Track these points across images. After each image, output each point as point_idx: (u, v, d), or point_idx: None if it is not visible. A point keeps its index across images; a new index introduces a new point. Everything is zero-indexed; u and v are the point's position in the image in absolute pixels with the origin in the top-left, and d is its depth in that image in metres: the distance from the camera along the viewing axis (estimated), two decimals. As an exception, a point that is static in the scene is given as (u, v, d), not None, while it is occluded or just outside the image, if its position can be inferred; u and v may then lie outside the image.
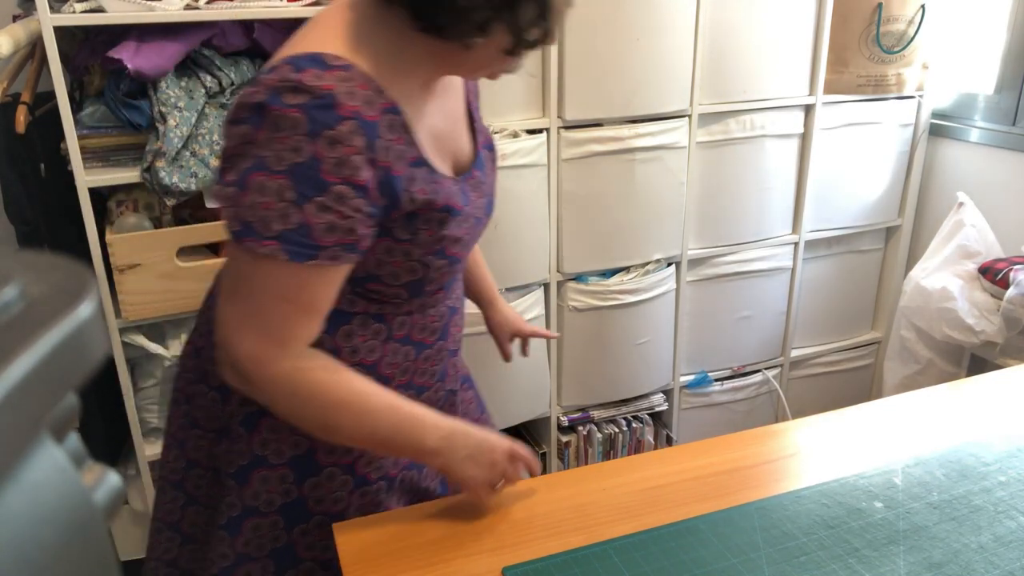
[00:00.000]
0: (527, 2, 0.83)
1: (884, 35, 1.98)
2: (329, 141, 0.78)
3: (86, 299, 0.25)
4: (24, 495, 0.22)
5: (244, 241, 0.80)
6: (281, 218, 0.79)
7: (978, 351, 1.87)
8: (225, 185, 0.81)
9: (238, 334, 0.84)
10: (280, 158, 0.78)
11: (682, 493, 0.95)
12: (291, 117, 0.77)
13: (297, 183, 0.78)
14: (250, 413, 0.94)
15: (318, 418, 0.87)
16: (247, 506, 0.96)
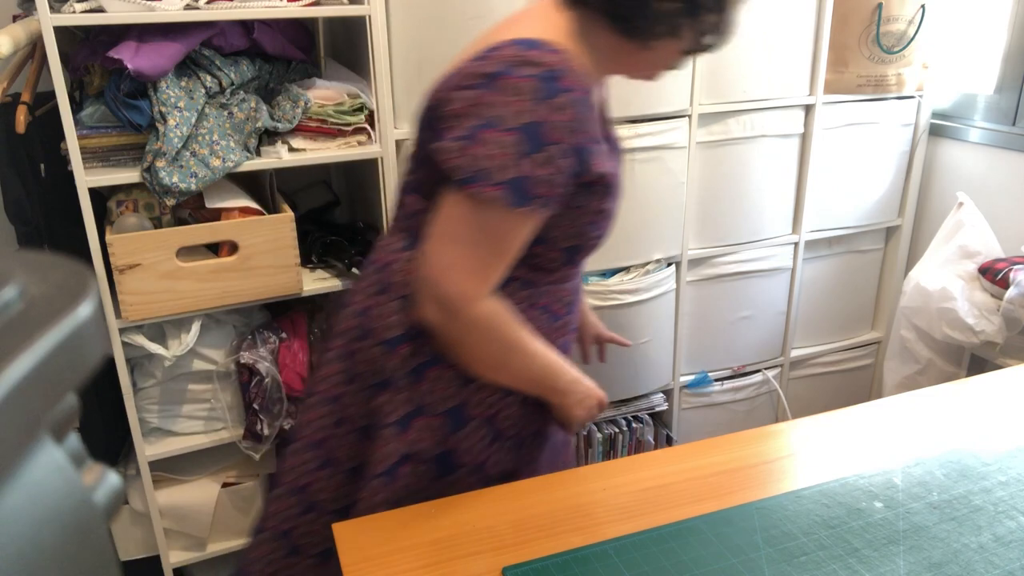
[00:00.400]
0: (710, 8, 0.98)
1: (884, 35, 1.98)
2: (556, 107, 0.93)
3: (86, 299, 0.25)
4: (24, 495, 0.22)
5: (472, 186, 0.93)
6: (509, 168, 0.92)
7: (978, 351, 1.87)
8: (452, 140, 0.95)
9: (453, 273, 0.97)
10: (513, 117, 0.92)
11: (682, 493, 0.95)
12: (524, 84, 0.92)
13: (526, 139, 0.92)
14: (418, 364, 1.04)
15: (496, 355, 1.02)
16: (405, 453, 1.05)
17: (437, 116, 1.01)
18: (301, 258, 1.56)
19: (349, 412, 1.09)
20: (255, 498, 1.72)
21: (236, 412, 1.63)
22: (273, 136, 1.54)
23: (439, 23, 1.60)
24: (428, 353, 1.04)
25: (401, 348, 1.05)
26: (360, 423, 1.09)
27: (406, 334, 1.05)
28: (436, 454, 1.05)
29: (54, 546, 0.23)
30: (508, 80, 0.92)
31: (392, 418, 1.05)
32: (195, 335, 1.54)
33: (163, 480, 1.65)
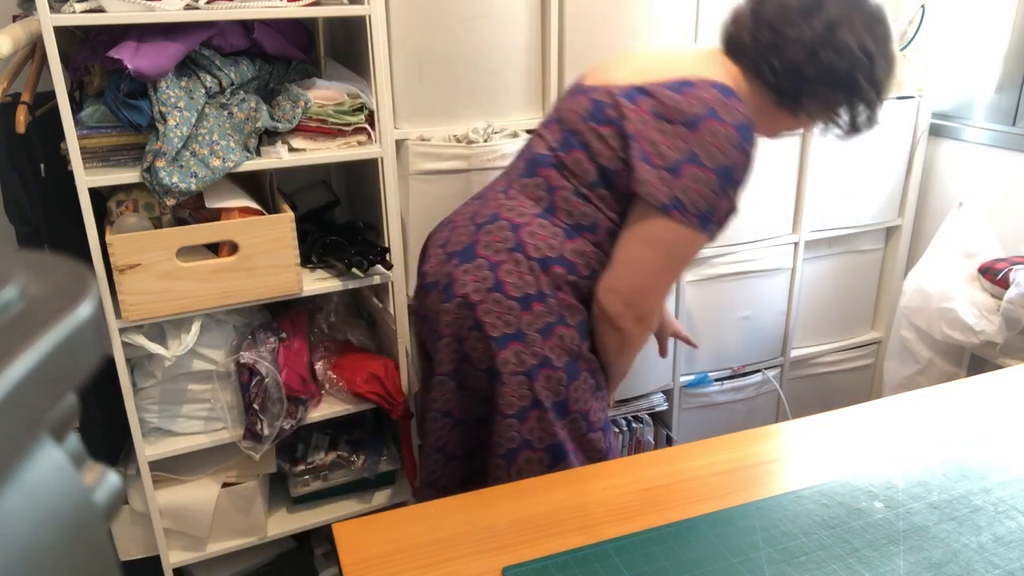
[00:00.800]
0: (864, 102, 1.19)
1: (884, 35, 1.97)
2: (745, 155, 1.15)
3: (86, 299, 0.25)
4: (24, 495, 0.22)
5: (672, 212, 1.13)
6: (704, 201, 1.13)
7: (978, 351, 1.87)
8: (655, 167, 1.13)
9: (654, 295, 1.20)
10: (713, 158, 1.12)
11: (682, 493, 0.95)
12: (725, 131, 1.12)
13: (721, 179, 1.13)
14: (549, 323, 1.20)
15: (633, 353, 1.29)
16: (534, 399, 1.20)
17: (623, 129, 1.17)
18: (301, 258, 1.56)
19: (474, 352, 1.23)
20: (255, 498, 1.72)
21: (236, 412, 1.63)
22: (273, 136, 1.54)
23: (439, 23, 1.61)
24: (558, 314, 1.21)
25: (535, 305, 1.20)
26: (484, 365, 1.23)
27: (540, 294, 1.20)
28: (554, 402, 1.22)
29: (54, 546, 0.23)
30: (712, 124, 1.12)
31: (521, 368, 1.20)
32: (195, 335, 1.54)
33: (163, 480, 1.65)
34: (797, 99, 1.20)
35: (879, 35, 1.18)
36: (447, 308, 1.24)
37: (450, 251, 1.28)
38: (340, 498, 1.84)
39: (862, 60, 1.16)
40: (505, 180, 1.33)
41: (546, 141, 1.28)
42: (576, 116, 1.24)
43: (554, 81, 1.73)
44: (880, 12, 1.19)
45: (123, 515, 1.69)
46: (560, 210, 1.23)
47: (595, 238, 1.23)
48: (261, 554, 1.90)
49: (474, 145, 1.65)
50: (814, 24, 1.15)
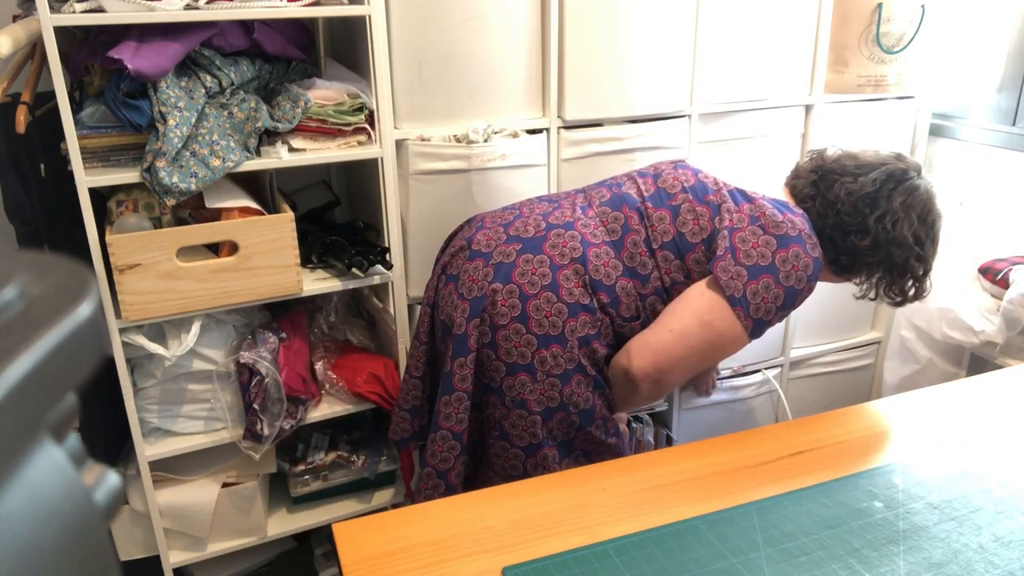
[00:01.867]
0: (914, 274, 1.32)
1: (884, 35, 1.98)
2: (810, 287, 1.26)
3: (86, 299, 0.25)
4: (24, 495, 0.22)
5: (737, 307, 1.22)
6: (764, 311, 1.23)
7: (978, 351, 1.87)
8: (738, 263, 1.23)
9: (680, 371, 1.26)
10: (788, 279, 1.23)
11: (682, 493, 0.95)
12: (805, 261, 1.24)
13: (787, 300, 1.24)
14: (589, 335, 1.26)
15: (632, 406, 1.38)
16: (563, 401, 1.26)
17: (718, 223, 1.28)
18: (301, 258, 1.56)
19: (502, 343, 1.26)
20: (255, 498, 1.72)
21: (236, 412, 1.63)
22: (273, 136, 1.54)
23: (439, 23, 1.60)
24: (596, 328, 1.27)
25: (582, 315, 1.26)
26: (510, 359, 1.26)
27: (588, 307, 1.26)
28: (583, 409, 1.27)
29: (54, 546, 0.23)
30: (798, 249, 1.23)
31: (557, 370, 1.25)
32: (195, 335, 1.54)
33: (163, 480, 1.65)
34: (850, 272, 1.36)
35: (929, 223, 1.32)
36: (496, 288, 1.28)
37: (512, 234, 1.33)
38: (340, 498, 1.84)
39: (916, 249, 1.30)
40: (585, 198, 1.40)
41: (639, 188, 1.38)
42: (678, 184, 1.37)
43: (554, 81, 1.73)
44: (932, 201, 1.34)
45: (123, 515, 1.69)
46: (626, 250, 1.31)
47: (643, 289, 1.31)
48: (261, 554, 1.90)
49: (474, 145, 1.65)
50: (876, 215, 1.29)
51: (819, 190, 1.34)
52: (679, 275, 1.31)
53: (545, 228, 1.32)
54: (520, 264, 1.28)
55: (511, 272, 1.27)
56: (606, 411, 1.32)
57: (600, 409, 1.30)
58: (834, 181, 1.32)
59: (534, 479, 1.00)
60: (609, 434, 1.33)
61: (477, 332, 1.28)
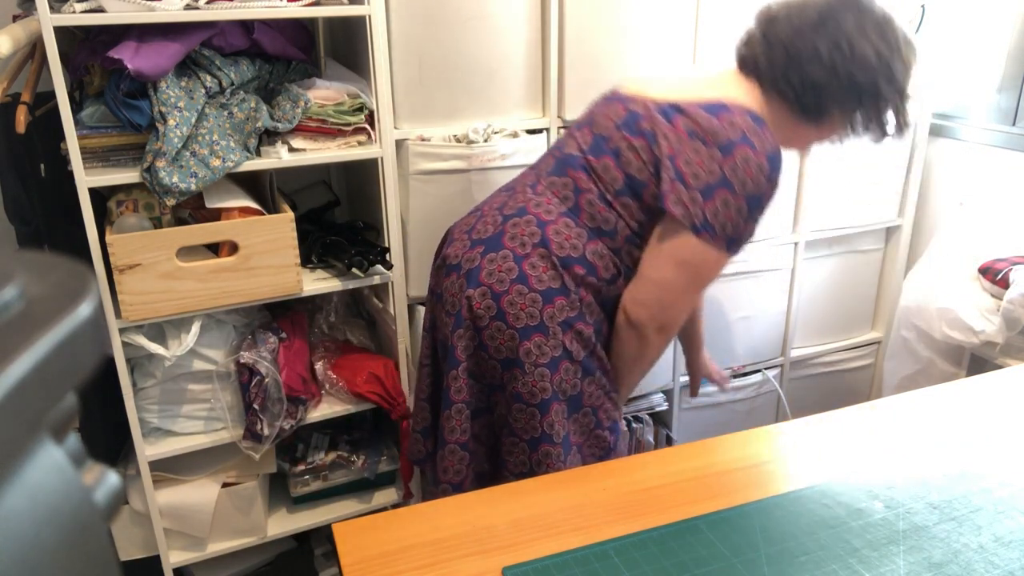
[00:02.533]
0: (889, 99, 1.21)
1: (884, 35, 1.97)
2: (773, 184, 1.18)
3: (86, 299, 0.25)
4: (24, 495, 0.22)
5: (703, 233, 1.16)
6: (732, 226, 1.17)
7: (978, 351, 1.87)
8: (686, 187, 1.16)
9: (677, 309, 1.24)
10: (744, 185, 1.15)
11: (682, 493, 0.95)
12: (758, 160, 1.15)
13: (750, 207, 1.17)
14: (569, 318, 1.24)
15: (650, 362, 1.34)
16: (555, 391, 1.23)
17: (655, 146, 1.21)
18: (301, 258, 1.56)
19: (491, 342, 1.25)
20: (255, 498, 1.72)
21: (236, 412, 1.63)
22: (273, 136, 1.54)
23: (439, 23, 1.61)
24: (577, 310, 1.24)
25: (557, 299, 1.23)
26: (502, 355, 1.25)
27: (562, 290, 1.23)
28: (571, 396, 1.26)
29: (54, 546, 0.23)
30: (745, 151, 1.15)
31: (543, 360, 1.23)
32: (195, 335, 1.54)
33: (163, 480, 1.65)
34: (820, 113, 1.24)
35: (891, 39, 1.21)
36: (470, 295, 1.26)
37: (475, 238, 1.30)
38: (340, 498, 1.84)
39: (881, 67, 1.19)
40: (534, 175, 1.34)
41: (577, 143, 1.31)
42: (610, 123, 1.27)
43: (554, 81, 1.73)
44: (888, 16, 1.22)
45: (123, 515, 1.69)
46: (584, 212, 1.26)
47: (613, 244, 1.26)
48: (261, 554, 1.90)
49: (474, 145, 1.65)
50: (828, 39, 1.18)
51: (767, 40, 1.23)
52: (644, 216, 1.25)
53: (502, 221, 1.29)
54: (485, 265, 1.26)
55: (478, 275, 1.26)
56: (599, 400, 1.30)
57: (590, 397, 1.28)
58: (777, 24, 1.22)
59: (534, 479, 1.00)
60: (602, 426, 1.31)
61: (463, 342, 1.27)
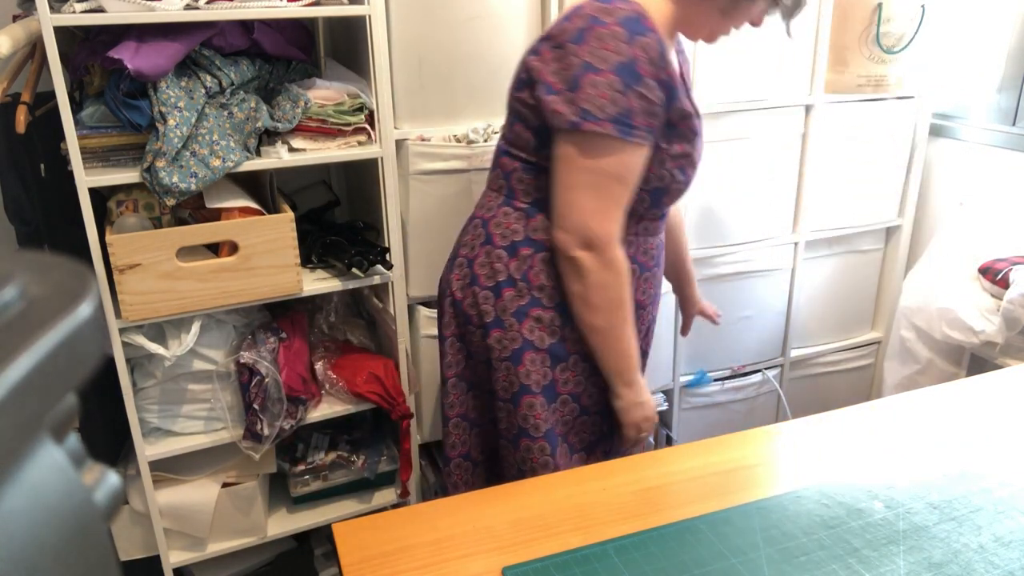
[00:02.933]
0: None
1: (884, 35, 1.98)
2: (642, 45, 1.05)
3: (86, 299, 0.25)
4: (24, 495, 0.22)
5: (583, 125, 1.06)
6: (612, 104, 1.05)
7: (978, 351, 1.87)
8: (556, 93, 1.08)
9: (596, 217, 1.10)
10: (606, 60, 1.05)
11: (682, 493, 0.95)
12: (611, 30, 1.05)
13: (622, 76, 1.05)
14: (521, 307, 1.20)
15: (608, 304, 1.16)
16: (522, 384, 1.21)
17: (531, 80, 1.14)
18: (301, 258, 1.56)
19: (473, 348, 1.27)
20: (255, 498, 1.72)
21: (236, 412, 1.63)
22: (273, 136, 1.54)
23: (439, 23, 1.61)
24: (528, 297, 1.20)
25: (505, 291, 1.21)
26: (483, 356, 1.25)
27: (509, 280, 1.20)
28: (543, 387, 1.22)
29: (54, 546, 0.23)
30: (596, 30, 1.05)
31: (505, 353, 1.21)
32: (195, 335, 1.54)
33: (163, 480, 1.65)
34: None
35: None
36: (445, 309, 1.31)
37: (450, 260, 1.35)
38: (340, 498, 1.84)
39: None
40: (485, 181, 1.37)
41: (502, 131, 1.31)
42: (509, 95, 1.25)
43: (554, 81, 1.73)
44: None
45: (123, 515, 1.69)
46: (518, 192, 1.23)
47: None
48: (261, 554, 1.90)
49: (474, 145, 1.65)
50: None
51: None
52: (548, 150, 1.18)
53: (460, 234, 1.33)
54: (453, 280, 1.29)
55: (448, 289, 1.31)
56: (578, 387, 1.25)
57: (565, 384, 1.24)
58: None
59: (534, 479, 1.00)
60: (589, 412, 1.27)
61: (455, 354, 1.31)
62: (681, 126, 1.14)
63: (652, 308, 1.34)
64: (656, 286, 1.32)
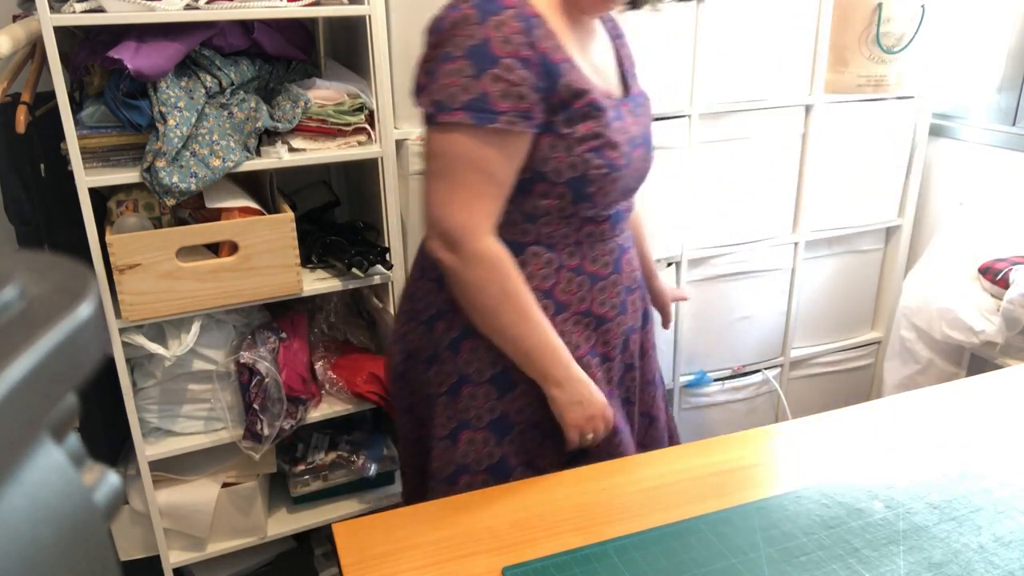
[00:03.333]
0: None
1: (884, 35, 1.98)
2: (496, 24, 0.97)
3: (86, 299, 0.25)
4: (24, 495, 0.22)
5: (437, 117, 0.98)
6: (464, 90, 0.97)
7: (978, 351, 1.87)
8: (422, 88, 1.01)
9: (448, 208, 1.01)
10: (459, 46, 0.97)
11: (682, 493, 0.95)
12: (465, 14, 0.97)
13: (474, 60, 0.97)
14: (453, 338, 1.12)
15: (490, 302, 1.04)
16: (461, 419, 1.13)
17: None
18: (301, 258, 1.56)
19: (415, 384, 1.20)
20: (255, 498, 1.72)
21: (236, 412, 1.63)
22: (273, 136, 1.54)
23: (439, 23, 1.60)
24: (459, 327, 1.11)
25: (437, 324, 1.14)
26: (424, 391, 1.19)
27: (439, 312, 1.13)
28: (489, 421, 1.13)
29: (54, 546, 0.23)
30: (451, 17, 0.99)
31: (443, 388, 1.14)
32: (195, 335, 1.54)
33: (163, 480, 1.65)
34: None
35: None
36: (393, 353, 1.26)
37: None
38: (340, 498, 1.84)
39: None
40: None
41: None
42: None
43: (554, 81, 1.73)
44: None
45: (123, 515, 1.69)
46: None
47: None
48: (261, 554, 1.90)
49: (474, 145, 1.64)
50: None
51: None
52: None
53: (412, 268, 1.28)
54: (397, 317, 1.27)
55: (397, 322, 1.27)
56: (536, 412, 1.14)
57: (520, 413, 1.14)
58: None
59: (534, 479, 1.00)
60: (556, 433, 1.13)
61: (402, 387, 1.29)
62: (577, 105, 1.02)
63: (623, 319, 1.19)
64: (621, 295, 1.18)
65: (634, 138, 1.11)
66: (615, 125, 1.06)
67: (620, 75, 1.18)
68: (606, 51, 1.17)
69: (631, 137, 1.10)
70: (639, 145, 1.13)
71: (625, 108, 1.11)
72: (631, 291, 1.21)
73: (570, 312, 1.13)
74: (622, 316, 1.19)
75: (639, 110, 1.16)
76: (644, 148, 1.15)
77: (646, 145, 1.16)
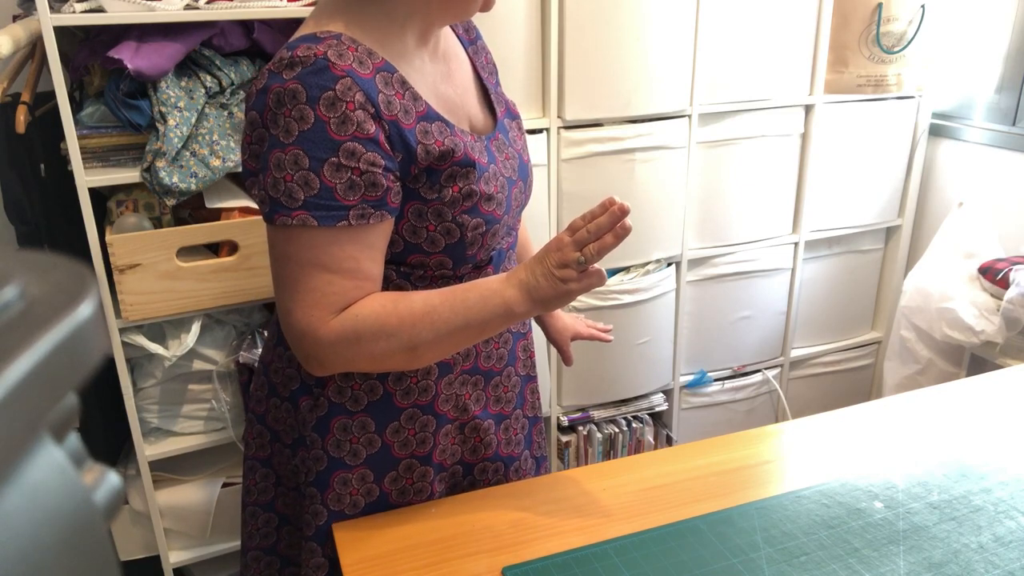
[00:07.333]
0: None
1: (884, 35, 1.98)
2: (329, 102, 0.80)
3: (86, 299, 0.25)
4: (24, 495, 0.22)
5: (275, 218, 0.82)
6: (301, 186, 0.80)
7: (978, 351, 1.87)
8: (252, 174, 0.85)
9: (292, 315, 0.85)
10: (288, 130, 0.80)
11: (682, 493, 0.95)
12: (290, 89, 0.79)
13: (308, 148, 0.80)
14: (320, 418, 0.95)
15: (396, 345, 0.84)
16: (332, 511, 0.96)
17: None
18: (301, 258, 1.56)
19: (283, 471, 1.03)
20: (255, 498, 1.72)
21: (236, 412, 1.63)
22: (273, 136, 1.54)
23: (439, 23, 1.60)
24: (327, 405, 0.95)
25: (302, 401, 0.97)
26: (293, 482, 1.02)
27: (303, 386, 0.97)
28: (366, 504, 0.97)
29: (54, 546, 0.23)
30: (275, 91, 0.80)
31: (311, 476, 0.97)
32: (195, 335, 1.54)
33: (163, 480, 1.65)
34: None
35: None
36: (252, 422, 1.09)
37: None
38: (340, 498, 1.84)
39: None
40: None
41: None
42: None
43: (554, 81, 1.73)
44: None
45: (123, 515, 1.69)
46: None
47: None
48: (261, 554, 1.90)
49: (474, 145, 1.64)
50: None
51: None
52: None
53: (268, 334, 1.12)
54: (253, 393, 1.09)
55: (250, 404, 1.10)
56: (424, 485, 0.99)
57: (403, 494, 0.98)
58: None
59: (534, 479, 1.00)
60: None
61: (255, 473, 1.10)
62: (442, 167, 0.87)
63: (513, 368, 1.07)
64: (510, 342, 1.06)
65: (509, 178, 0.96)
66: (488, 173, 0.91)
67: (483, 96, 1.01)
68: (465, 71, 1.00)
69: (506, 179, 0.95)
70: (516, 182, 0.98)
71: (494, 145, 0.96)
72: (522, 336, 1.08)
73: (456, 372, 0.98)
74: (511, 367, 1.06)
75: (509, 137, 1.00)
76: (522, 181, 1.00)
77: (523, 176, 1.01)
